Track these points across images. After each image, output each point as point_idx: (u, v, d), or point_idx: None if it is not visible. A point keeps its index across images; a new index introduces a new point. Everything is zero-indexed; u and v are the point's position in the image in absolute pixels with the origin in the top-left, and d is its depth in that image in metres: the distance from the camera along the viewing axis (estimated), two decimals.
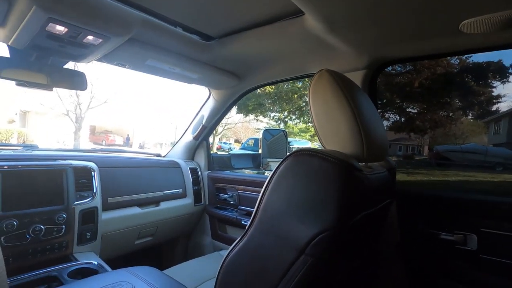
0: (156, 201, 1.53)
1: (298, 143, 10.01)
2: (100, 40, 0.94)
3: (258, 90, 9.42)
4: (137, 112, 17.31)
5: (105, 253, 1.30)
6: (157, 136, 17.67)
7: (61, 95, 12.16)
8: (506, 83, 5.46)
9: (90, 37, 0.92)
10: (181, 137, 1.89)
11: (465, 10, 0.73)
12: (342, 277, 0.72)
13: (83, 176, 1.20)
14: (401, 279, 1.12)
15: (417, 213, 1.11)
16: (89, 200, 1.19)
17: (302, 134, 12.35)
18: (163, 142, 16.85)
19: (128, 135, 17.30)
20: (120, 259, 1.43)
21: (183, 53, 1.22)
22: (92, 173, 1.24)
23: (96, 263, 1.10)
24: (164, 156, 1.92)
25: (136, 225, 1.42)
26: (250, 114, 11.36)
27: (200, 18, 1.05)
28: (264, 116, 11.46)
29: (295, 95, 9.04)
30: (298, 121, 10.59)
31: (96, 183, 1.24)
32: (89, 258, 1.13)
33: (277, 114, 10.71)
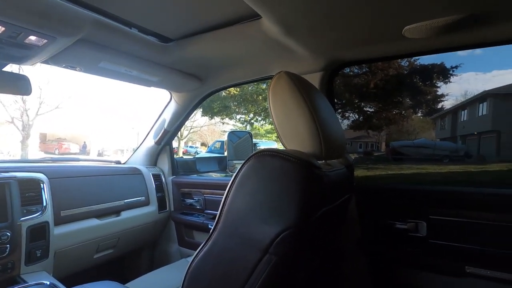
0: (116, 211, 1.44)
1: (265, 144, 10.12)
2: (45, 41, 0.87)
3: (223, 93, 9.37)
4: (94, 118, 16.26)
5: (60, 271, 1.20)
6: (117, 143, 16.71)
7: (3, 101, 11.00)
8: (448, 83, 6.06)
9: (32, 38, 0.85)
10: (142, 142, 1.82)
11: (406, 17, 0.80)
12: (306, 274, 0.74)
13: (30, 189, 1.10)
14: (363, 271, 1.18)
15: (375, 206, 1.18)
16: (38, 215, 1.09)
17: (268, 135, 12.51)
18: (124, 149, 15.94)
19: (84, 142, 16.11)
20: (78, 275, 1.33)
21: (140, 55, 1.18)
22: (41, 185, 1.14)
23: (48, 283, 1.01)
24: (124, 163, 1.82)
25: (95, 238, 1.33)
26: (215, 117, 11.25)
27: (157, 19, 1.02)
28: (230, 119, 11.42)
29: (260, 97, 9.14)
30: (264, 122, 10.72)
31: (46, 195, 1.14)
32: (40, 278, 1.03)
33: (243, 116, 10.74)
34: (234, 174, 0.64)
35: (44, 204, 1.12)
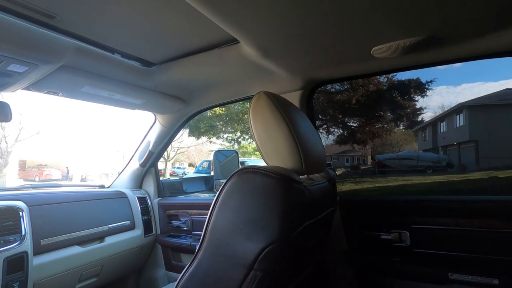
0: (100, 237, 1.40)
1: (252, 162, 10.11)
2: (27, 68, 0.87)
3: (209, 112, 9.42)
4: (77, 142, 15.88)
5: None
6: (102, 166, 16.27)
7: None
8: (425, 96, 6.37)
9: (14, 65, 0.85)
10: (127, 165, 1.80)
11: (373, 39, 0.86)
12: (294, 287, 0.74)
13: (8, 218, 1.06)
14: (351, 282, 1.18)
15: (360, 219, 1.20)
16: (16, 245, 1.05)
17: (256, 153, 12.54)
18: (109, 173, 15.51)
19: (67, 167, 15.61)
20: None
21: (123, 79, 1.20)
22: (20, 213, 1.10)
23: None
24: (108, 187, 1.79)
25: (77, 266, 1.27)
26: (202, 137, 11.24)
27: (139, 45, 1.05)
28: (217, 138, 11.43)
29: (246, 116, 9.24)
30: (251, 140, 10.78)
31: (25, 224, 1.10)
32: None
33: (230, 135, 10.77)
34: (217, 192, 0.65)
35: (23, 233, 1.08)
